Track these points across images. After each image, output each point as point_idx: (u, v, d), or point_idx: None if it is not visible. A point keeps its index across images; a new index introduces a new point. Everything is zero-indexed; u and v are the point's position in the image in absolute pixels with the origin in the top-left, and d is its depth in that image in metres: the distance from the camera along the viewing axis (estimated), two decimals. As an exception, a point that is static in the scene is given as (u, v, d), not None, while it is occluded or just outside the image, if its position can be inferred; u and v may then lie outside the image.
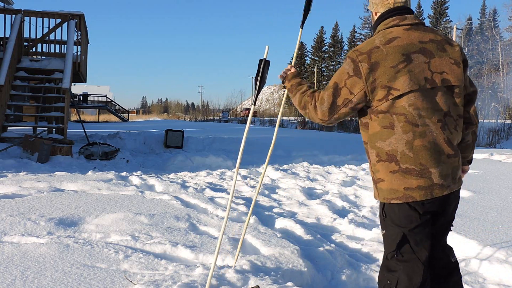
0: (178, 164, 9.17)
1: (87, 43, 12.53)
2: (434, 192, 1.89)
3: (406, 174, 1.89)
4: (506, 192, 5.91)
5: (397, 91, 1.87)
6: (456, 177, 1.96)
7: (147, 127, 25.55)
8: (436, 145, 1.89)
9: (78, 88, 54.85)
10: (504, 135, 21.10)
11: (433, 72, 1.90)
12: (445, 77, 1.91)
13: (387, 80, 1.88)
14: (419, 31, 1.95)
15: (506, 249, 3.47)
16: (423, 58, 1.90)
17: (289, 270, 3.00)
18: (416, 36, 1.93)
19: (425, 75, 1.89)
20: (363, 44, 1.98)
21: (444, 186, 1.90)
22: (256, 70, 2.41)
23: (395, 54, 1.88)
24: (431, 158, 1.88)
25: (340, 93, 1.96)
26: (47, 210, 4.29)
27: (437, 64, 1.91)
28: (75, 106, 14.83)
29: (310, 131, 27.80)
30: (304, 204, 5.49)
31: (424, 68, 1.89)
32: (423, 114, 1.88)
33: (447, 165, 1.91)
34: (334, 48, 67.90)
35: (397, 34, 1.93)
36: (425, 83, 1.88)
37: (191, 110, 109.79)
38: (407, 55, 1.89)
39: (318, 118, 2.05)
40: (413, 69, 1.88)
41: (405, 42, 1.91)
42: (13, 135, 9.34)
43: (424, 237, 1.96)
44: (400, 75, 1.87)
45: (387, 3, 2.01)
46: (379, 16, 2.05)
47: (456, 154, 1.95)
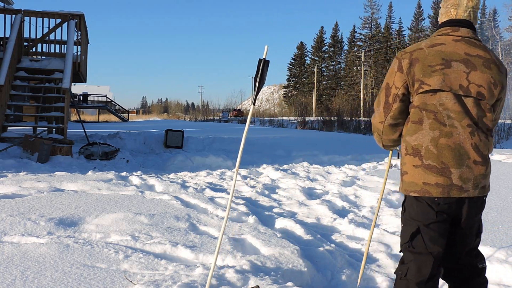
0: (178, 164, 9.17)
1: (87, 43, 12.53)
2: (452, 192, 1.95)
3: (428, 170, 1.97)
4: (506, 192, 5.91)
5: (428, 86, 1.97)
6: (479, 184, 1.99)
7: (147, 127, 25.56)
8: (462, 148, 1.96)
9: (78, 88, 54.83)
10: (504, 135, 21.10)
11: (470, 82, 1.98)
12: (481, 91, 1.98)
13: (422, 75, 1.99)
14: (469, 44, 2.03)
15: (506, 249, 3.47)
16: (464, 68, 1.99)
17: (289, 270, 3.00)
18: (463, 48, 2.02)
19: (460, 82, 1.97)
20: (410, 46, 2.13)
21: (463, 189, 1.96)
22: (256, 70, 2.41)
23: (436, 56, 2.00)
24: (454, 159, 1.95)
25: (390, 91, 2.09)
26: (47, 210, 4.29)
27: (477, 77, 1.99)
28: (75, 106, 14.84)
29: (310, 131, 27.80)
30: (304, 204, 5.49)
31: (462, 76, 1.98)
32: (453, 116, 1.96)
33: (471, 170, 1.97)
34: (334, 48, 67.87)
35: (443, 41, 2.04)
36: (458, 89, 1.97)
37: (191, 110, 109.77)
38: (447, 61, 1.99)
39: (377, 121, 2.17)
40: (449, 73, 1.98)
41: (450, 50, 2.01)
42: (13, 135, 9.34)
43: (438, 235, 2.01)
44: (435, 74, 1.97)
45: (449, 14, 2.12)
46: (441, 23, 2.16)
47: (483, 162, 1.99)
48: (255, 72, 2.43)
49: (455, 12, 2.10)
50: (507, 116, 27.10)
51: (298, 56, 74.21)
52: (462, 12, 2.08)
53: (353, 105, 36.29)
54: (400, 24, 67.17)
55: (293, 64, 74.87)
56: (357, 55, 59.94)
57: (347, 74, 63.34)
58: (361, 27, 64.16)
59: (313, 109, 50.65)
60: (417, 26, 58.65)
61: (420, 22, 58.76)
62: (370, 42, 61.61)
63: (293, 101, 57.71)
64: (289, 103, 66.49)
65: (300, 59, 73.87)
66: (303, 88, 70.03)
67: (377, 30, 61.96)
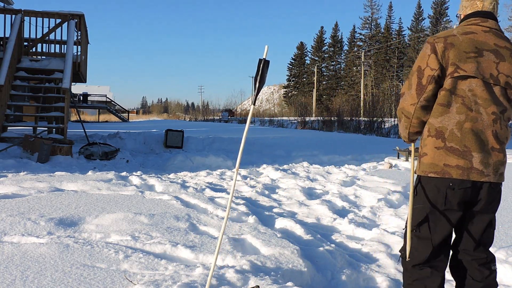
0: (178, 164, 9.17)
1: (87, 43, 12.53)
2: (471, 175, 2.00)
3: (450, 152, 2.03)
4: (506, 192, 5.91)
5: (464, 72, 2.01)
6: (498, 170, 2.05)
7: (147, 127, 25.56)
8: (483, 134, 2.02)
9: (78, 88, 54.83)
10: (504, 135, 21.06)
11: (500, 72, 2.05)
12: (509, 81, 2.06)
13: (457, 59, 2.03)
14: (496, 36, 2.11)
15: (506, 249, 3.47)
16: (494, 58, 2.05)
17: (289, 270, 3.00)
18: (492, 39, 2.09)
19: (491, 71, 2.04)
20: (441, 32, 2.15)
21: (483, 173, 2.01)
22: (256, 70, 2.41)
23: (469, 44, 2.05)
24: (476, 143, 2.01)
25: (423, 73, 2.09)
26: (47, 210, 4.29)
27: (506, 68, 2.06)
28: (75, 106, 14.83)
29: (310, 131, 27.80)
30: (304, 204, 5.49)
31: (492, 66, 2.04)
32: (480, 103, 2.02)
33: (490, 156, 2.03)
34: (334, 48, 67.86)
35: (474, 31, 2.10)
36: (489, 77, 2.03)
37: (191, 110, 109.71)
38: (479, 49, 2.05)
39: (409, 104, 2.14)
40: (481, 62, 2.03)
41: (481, 39, 2.07)
42: (13, 135, 9.34)
43: (445, 223, 2.08)
44: (470, 61, 2.02)
45: (476, 6, 2.18)
46: (463, 17, 2.22)
47: (500, 150, 2.05)
48: (255, 72, 2.43)
49: (481, 5, 2.16)
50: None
51: (298, 56, 74.20)
52: (488, 4, 2.16)
53: (353, 105, 36.23)
54: (400, 24, 67.21)
55: (293, 64, 74.88)
56: (357, 55, 59.93)
57: (347, 74, 63.34)
58: (361, 27, 64.18)
59: (313, 109, 50.65)
60: (417, 26, 58.63)
61: (420, 22, 58.74)
62: (370, 42, 61.60)
63: (293, 101, 57.69)
64: (289, 103, 66.48)
65: (300, 59, 73.86)
66: (303, 88, 70.02)
67: (377, 30, 61.96)
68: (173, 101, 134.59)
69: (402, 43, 58.63)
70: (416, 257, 2.14)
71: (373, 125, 27.78)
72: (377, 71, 56.51)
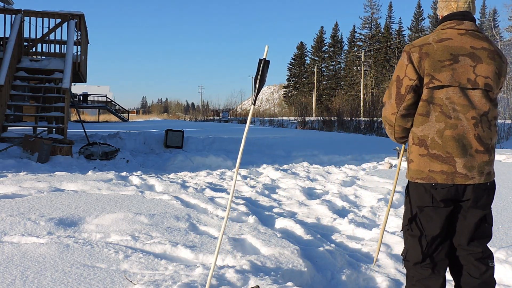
0: (178, 164, 9.17)
1: (87, 43, 12.53)
2: (456, 179, 2.06)
3: (433, 158, 2.08)
4: (506, 192, 5.91)
5: (439, 82, 2.06)
6: (483, 171, 2.08)
7: (147, 127, 25.55)
8: (465, 139, 2.06)
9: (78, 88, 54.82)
10: (504, 135, 21.08)
11: (477, 75, 2.07)
12: (489, 82, 2.07)
13: (432, 69, 2.07)
14: (473, 37, 2.11)
15: (506, 249, 3.47)
16: (470, 62, 2.07)
17: (289, 270, 3.00)
18: (468, 42, 2.10)
19: (468, 76, 2.06)
20: (417, 40, 2.19)
21: (467, 177, 2.06)
22: (256, 70, 2.41)
23: (444, 51, 2.08)
24: (458, 149, 2.05)
25: (402, 82, 2.14)
26: (47, 210, 4.29)
27: (483, 69, 2.07)
28: (75, 106, 14.83)
29: (310, 131, 27.79)
30: (304, 204, 5.49)
31: (469, 70, 2.07)
32: (458, 109, 2.06)
33: (474, 158, 2.07)
34: (334, 48, 67.84)
35: (450, 36, 2.12)
36: (466, 83, 2.06)
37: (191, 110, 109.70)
38: (455, 56, 2.07)
39: (389, 113, 2.21)
40: (457, 68, 2.06)
41: (456, 44, 2.09)
42: (13, 135, 9.34)
43: (434, 219, 2.13)
44: (444, 70, 2.06)
45: (450, 7, 2.19)
46: (441, 18, 2.24)
47: (485, 151, 2.08)
48: (255, 72, 2.43)
49: (456, 5, 2.17)
50: (507, 116, 27.09)
51: (298, 56, 74.17)
52: (463, 4, 2.17)
53: (353, 105, 36.23)
54: (400, 24, 67.15)
55: (293, 64, 74.85)
56: (357, 55, 59.93)
57: (347, 74, 63.32)
58: (361, 27, 64.16)
59: (313, 109, 50.64)
60: (417, 26, 58.65)
61: (420, 22, 58.77)
62: (370, 42, 61.60)
63: (293, 101, 57.66)
64: (289, 103, 66.43)
65: (300, 59, 73.83)
66: (303, 88, 70.00)
67: (377, 30, 61.95)
68: (173, 101, 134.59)
69: (402, 43, 58.59)
70: (413, 255, 2.18)
71: (373, 125, 27.79)
72: (377, 71, 56.51)
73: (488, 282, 2.16)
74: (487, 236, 2.20)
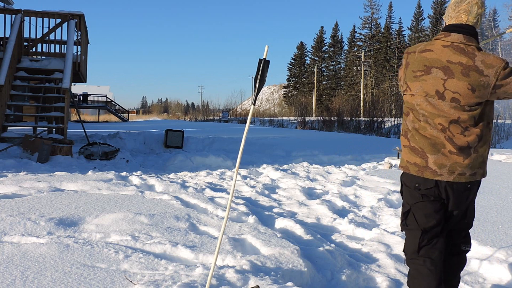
0: (178, 164, 9.17)
1: (87, 43, 12.53)
2: (425, 173, 2.22)
3: (411, 151, 2.28)
4: (506, 192, 5.91)
5: (410, 91, 2.29)
6: (455, 171, 2.18)
7: (147, 127, 25.56)
8: (437, 139, 2.20)
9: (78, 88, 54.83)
10: (504, 135, 21.07)
11: (446, 89, 2.17)
12: (456, 96, 2.15)
13: (408, 78, 2.30)
14: (455, 51, 2.18)
15: (506, 249, 3.47)
16: (442, 75, 2.18)
17: (289, 270, 3.00)
18: (447, 55, 2.19)
19: (437, 88, 2.19)
20: (415, 45, 2.38)
21: (436, 173, 2.20)
22: (256, 70, 2.41)
23: (419, 63, 2.26)
24: (429, 147, 2.21)
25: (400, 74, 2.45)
26: (47, 210, 4.29)
27: (453, 85, 2.16)
28: (75, 106, 14.82)
29: (310, 131, 27.79)
30: (304, 204, 5.48)
31: (439, 83, 2.18)
32: (426, 115, 2.22)
33: (447, 157, 2.18)
34: (334, 48, 67.82)
35: (433, 48, 2.25)
36: (434, 94, 2.20)
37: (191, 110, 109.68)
38: (428, 67, 2.22)
39: None
40: (427, 80, 2.22)
41: (434, 57, 2.22)
42: (13, 135, 9.34)
43: (427, 212, 2.26)
44: (415, 80, 2.26)
45: (460, 19, 2.26)
46: (446, 25, 2.32)
47: (459, 153, 2.17)
48: (255, 72, 2.43)
49: (466, 18, 2.24)
50: (507, 116, 27.09)
51: (298, 56, 74.16)
52: (473, 18, 2.24)
53: (353, 105, 36.22)
54: (400, 24, 67.16)
55: (293, 64, 74.84)
56: (357, 55, 59.93)
57: (347, 74, 63.31)
58: (361, 27, 64.10)
59: (313, 109, 50.64)
60: (417, 26, 58.61)
61: (420, 22, 58.71)
62: (370, 42, 61.59)
63: (293, 101, 57.65)
64: (289, 103, 66.42)
65: (300, 59, 73.82)
66: (303, 88, 70.00)
67: (377, 30, 61.93)
68: (173, 101, 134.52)
69: (402, 43, 58.58)
70: (410, 248, 2.31)
71: (373, 125, 27.80)
72: (377, 71, 56.49)
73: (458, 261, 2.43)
74: (464, 229, 2.41)
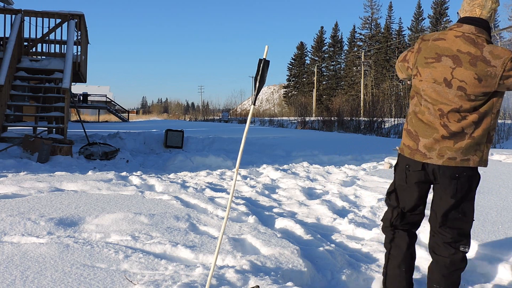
0: (178, 164, 9.16)
1: (87, 43, 12.53)
2: (416, 156, 2.40)
3: (408, 134, 2.47)
4: (506, 192, 5.91)
5: (420, 76, 2.42)
6: (444, 155, 2.32)
7: (147, 127, 25.56)
8: (432, 124, 2.35)
9: (78, 88, 54.84)
10: (504, 135, 21.06)
11: (454, 77, 2.30)
12: (463, 85, 2.28)
13: (419, 64, 2.44)
14: (465, 41, 2.31)
15: (506, 249, 3.47)
16: (451, 63, 2.31)
17: (289, 270, 3.00)
18: (458, 45, 2.32)
19: (445, 76, 2.32)
20: (430, 33, 2.51)
21: (426, 156, 2.36)
22: (256, 70, 2.41)
23: (431, 50, 2.39)
24: (423, 130, 2.38)
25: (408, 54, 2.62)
26: (47, 210, 4.29)
27: (460, 73, 2.28)
28: (75, 106, 14.81)
29: (310, 131, 27.79)
30: (304, 204, 5.48)
31: (447, 71, 2.31)
32: (429, 100, 2.37)
33: (437, 142, 2.33)
34: (334, 48, 67.83)
35: (445, 37, 2.38)
36: (442, 81, 2.33)
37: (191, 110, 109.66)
38: (439, 55, 2.35)
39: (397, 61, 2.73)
40: (437, 67, 2.35)
41: (446, 45, 2.35)
42: (13, 135, 9.34)
43: (407, 196, 2.50)
44: (427, 66, 2.39)
45: (474, 13, 2.37)
46: (460, 18, 2.43)
47: (451, 137, 2.31)
48: (255, 72, 2.43)
49: (480, 12, 2.36)
50: (507, 116, 27.08)
51: (298, 56, 74.17)
52: (486, 12, 2.36)
53: (353, 105, 36.19)
54: (400, 24, 67.24)
55: (293, 64, 74.85)
56: (357, 55, 59.92)
57: (347, 74, 63.31)
58: (361, 27, 64.13)
59: (313, 109, 50.63)
60: (417, 26, 58.61)
61: (420, 22, 58.71)
62: (370, 42, 61.59)
63: (293, 101, 57.64)
64: (289, 103, 66.41)
65: (300, 59, 73.82)
66: (303, 88, 69.99)
67: (377, 30, 61.93)
68: (173, 101, 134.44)
69: (402, 43, 58.58)
70: (385, 220, 2.64)
71: (373, 125, 27.79)
72: (377, 71, 56.49)
73: (455, 262, 2.40)
74: (458, 226, 2.41)
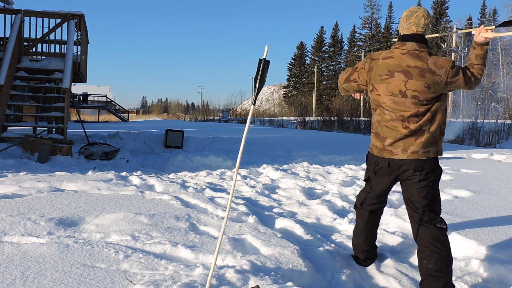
0: (178, 164, 9.16)
1: (87, 43, 12.53)
2: (384, 154, 2.87)
3: (376, 136, 2.94)
4: (506, 192, 5.91)
5: (377, 91, 2.88)
6: (408, 150, 2.77)
7: (147, 127, 25.57)
8: (396, 127, 2.81)
9: (78, 88, 54.86)
10: (504, 135, 21.03)
11: (407, 88, 2.74)
12: (416, 94, 2.73)
13: (374, 81, 2.88)
14: (411, 57, 2.75)
15: (506, 249, 3.47)
16: (403, 77, 2.76)
17: (289, 270, 3.00)
18: (406, 61, 2.76)
19: (400, 88, 2.76)
20: (376, 53, 2.93)
21: (392, 153, 2.83)
22: (256, 70, 2.41)
23: (384, 68, 2.83)
24: (388, 132, 2.84)
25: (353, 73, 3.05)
26: (47, 210, 4.29)
27: (413, 84, 2.73)
28: (75, 106, 14.81)
29: (310, 131, 27.79)
30: (304, 204, 5.48)
31: (401, 84, 2.76)
32: (390, 110, 2.82)
33: (402, 140, 2.79)
34: (334, 48, 67.85)
35: (393, 55, 2.82)
36: (398, 93, 2.77)
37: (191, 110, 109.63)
38: (391, 72, 2.79)
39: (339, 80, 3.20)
40: (392, 82, 2.79)
41: (396, 62, 2.78)
42: (13, 135, 9.34)
43: (377, 185, 3.06)
44: (381, 83, 2.83)
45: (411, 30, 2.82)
46: (400, 36, 2.88)
47: (412, 135, 2.76)
48: (255, 72, 2.43)
49: (416, 29, 2.81)
50: (507, 116, 27.09)
51: (298, 56, 74.18)
52: (421, 28, 2.81)
53: (353, 105, 36.17)
54: (400, 24, 67.07)
55: (293, 64, 74.86)
56: (357, 55, 59.92)
57: (347, 74, 63.24)
58: (361, 27, 64.18)
59: (313, 109, 50.64)
60: (417, 26, 58.58)
61: (420, 22, 58.69)
62: (370, 42, 61.58)
63: (293, 101, 57.62)
64: (289, 103, 66.40)
65: (300, 59, 73.84)
66: (303, 88, 70.01)
67: (377, 30, 61.95)
68: (173, 101, 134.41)
69: (402, 43, 58.52)
70: (358, 199, 3.27)
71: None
72: (377, 71, 56.42)
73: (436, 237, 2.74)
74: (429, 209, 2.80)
